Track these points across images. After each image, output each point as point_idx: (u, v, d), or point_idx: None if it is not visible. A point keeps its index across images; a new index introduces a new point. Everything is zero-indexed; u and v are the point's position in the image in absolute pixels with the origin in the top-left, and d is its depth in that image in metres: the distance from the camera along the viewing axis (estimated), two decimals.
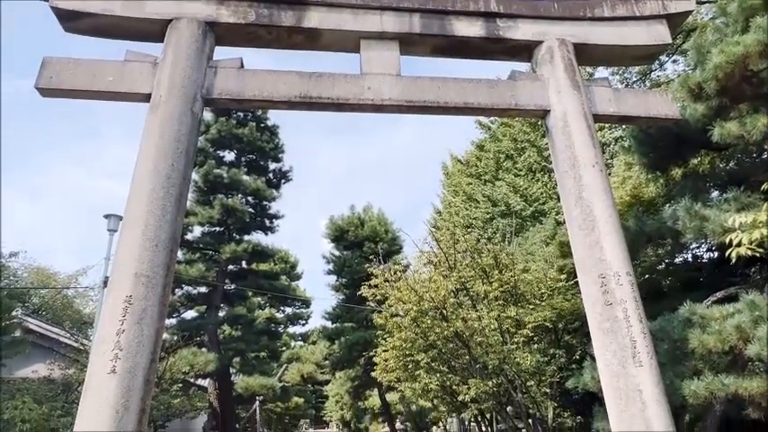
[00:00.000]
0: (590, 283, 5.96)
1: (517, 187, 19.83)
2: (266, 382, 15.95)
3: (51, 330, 14.57)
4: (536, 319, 9.54)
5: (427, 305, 9.88)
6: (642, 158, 8.60)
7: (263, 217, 19.59)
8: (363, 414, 34.46)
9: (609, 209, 6.15)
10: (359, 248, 22.85)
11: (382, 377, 14.48)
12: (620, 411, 5.43)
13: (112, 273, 5.44)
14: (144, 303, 5.20)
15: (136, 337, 5.05)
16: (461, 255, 10.86)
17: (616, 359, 5.54)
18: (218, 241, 18.09)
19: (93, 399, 4.84)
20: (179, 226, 5.98)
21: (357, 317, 22.43)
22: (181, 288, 18.09)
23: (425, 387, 11.87)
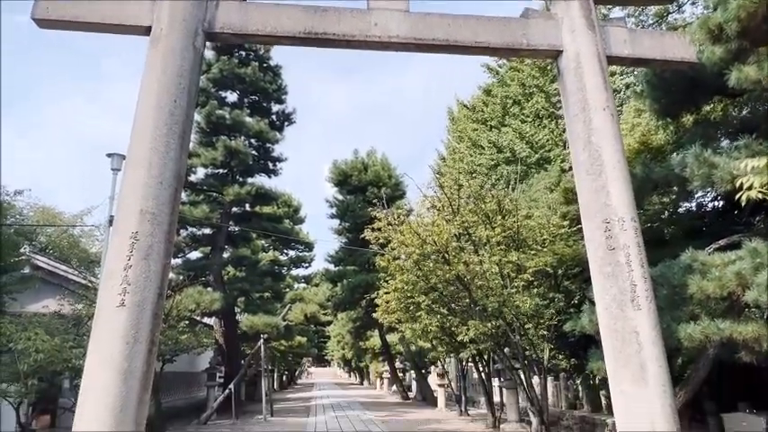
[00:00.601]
0: (594, 228, 5.98)
1: (523, 134, 19.56)
2: (270, 321, 16.41)
3: (59, 267, 14.82)
4: (537, 265, 9.65)
5: (430, 248, 9.97)
6: (654, 104, 8.41)
7: (267, 159, 19.48)
8: (364, 354, 35.62)
9: (617, 154, 6.08)
10: (362, 193, 22.88)
11: (383, 318, 14.84)
12: (617, 352, 5.58)
13: (118, 210, 5.46)
14: (150, 240, 5.24)
15: (143, 273, 5.13)
16: (465, 200, 10.85)
17: (615, 302, 5.64)
18: (221, 183, 18.06)
19: (104, 331, 4.97)
20: (183, 164, 5.94)
21: (359, 260, 22.74)
22: (186, 229, 18.25)
23: (425, 328, 12.18)
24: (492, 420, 12.97)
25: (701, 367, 6.84)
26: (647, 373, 5.34)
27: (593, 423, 12.31)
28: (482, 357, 13.57)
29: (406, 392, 25.00)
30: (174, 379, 18.37)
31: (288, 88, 20.08)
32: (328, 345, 49.87)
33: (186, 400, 19.13)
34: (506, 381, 12.62)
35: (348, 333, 29.35)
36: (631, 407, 5.35)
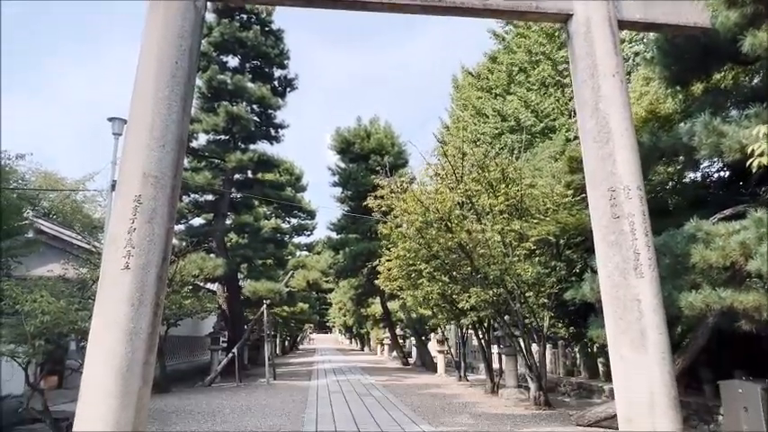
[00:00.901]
0: (599, 197, 5.94)
1: (529, 102, 19.29)
2: (273, 287, 16.57)
3: (63, 232, 14.88)
4: (539, 233, 9.65)
5: (432, 216, 9.97)
6: (664, 71, 8.24)
7: (269, 126, 19.28)
8: (365, 320, 36.10)
9: (625, 121, 5.99)
10: (364, 161, 22.74)
11: (385, 285, 14.97)
12: (618, 319, 5.62)
13: (120, 173, 5.43)
14: (153, 203, 5.23)
15: (147, 236, 5.14)
16: (469, 168, 10.78)
17: (618, 271, 5.65)
18: (223, 150, 17.94)
19: (109, 294, 5.01)
20: (185, 128, 5.87)
21: (361, 228, 22.79)
22: (188, 195, 18.23)
23: (427, 295, 12.30)
24: (491, 386, 13.21)
25: (699, 335, 6.91)
26: (647, 340, 5.39)
27: (590, 389, 12.55)
28: (482, 325, 13.73)
29: (407, 358, 25.42)
30: (178, 343, 18.70)
31: (290, 53, 19.74)
32: (330, 311, 50.50)
33: (190, 363, 19.50)
34: (505, 348, 12.78)
35: (350, 300, 29.65)
36: (630, 373, 5.43)
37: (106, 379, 4.77)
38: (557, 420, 8.95)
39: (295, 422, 8.75)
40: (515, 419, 9.07)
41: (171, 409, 10.33)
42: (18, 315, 6.82)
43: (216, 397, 12.31)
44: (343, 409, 10.19)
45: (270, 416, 9.39)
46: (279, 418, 9.19)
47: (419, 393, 12.98)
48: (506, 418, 9.26)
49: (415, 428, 8.06)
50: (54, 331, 6.95)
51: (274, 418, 9.19)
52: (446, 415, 9.57)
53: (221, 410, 10.07)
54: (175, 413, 9.76)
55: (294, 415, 9.50)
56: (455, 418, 9.28)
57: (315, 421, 8.75)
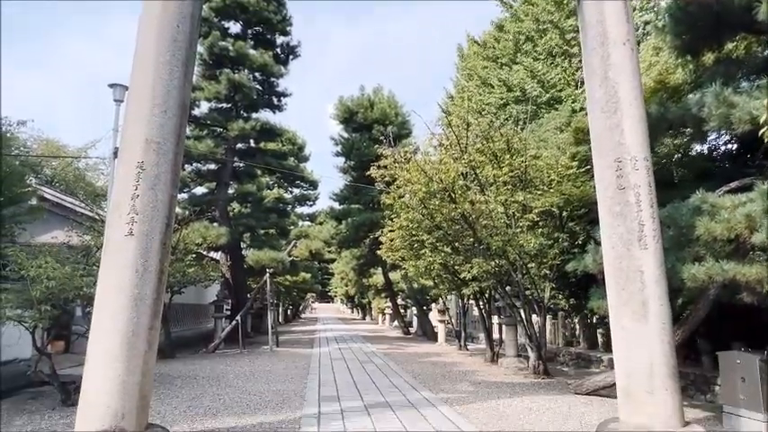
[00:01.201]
0: (605, 167, 5.89)
1: (535, 72, 18.97)
2: (275, 256, 16.65)
3: (65, 199, 14.90)
4: (543, 205, 9.62)
5: (436, 186, 9.92)
6: (675, 40, 8.06)
7: (271, 94, 19.04)
8: (367, 290, 36.41)
9: (635, 90, 5.89)
10: (368, 131, 22.55)
11: (387, 256, 15.03)
12: (620, 290, 5.64)
13: (122, 140, 5.39)
14: (156, 170, 5.20)
15: (150, 202, 5.12)
16: (473, 139, 10.67)
17: (622, 242, 5.65)
18: (225, 118, 17.77)
19: (114, 260, 5.03)
20: (187, 94, 5.80)
21: (364, 199, 22.77)
22: (190, 164, 18.16)
23: (429, 266, 12.35)
24: (490, 355, 13.39)
25: (700, 308, 6.95)
26: (649, 311, 5.43)
27: (589, 359, 12.72)
28: (483, 295, 13.83)
29: (407, 328, 25.75)
30: (183, 310, 18.93)
31: (293, 20, 19.35)
32: (332, 281, 50.97)
33: (194, 330, 19.78)
34: (506, 318, 12.90)
35: (352, 270, 29.84)
36: (631, 343, 5.48)
37: (112, 344, 4.83)
38: (555, 389, 9.09)
39: (298, 387, 8.91)
40: (514, 387, 9.22)
41: (176, 374, 10.52)
42: (24, 281, 6.87)
43: (220, 363, 12.52)
44: (344, 376, 10.36)
45: (273, 381, 9.55)
46: (282, 383, 9.36)
47: (420, 361, 13.18)
48: (505, 385, 9.41)
49: (415, 395, 8.20)
50: (60, 297, 7.01)
51: (278, 383, 9.35)
52: (446, 382, 9.73)
53: (225, 376, 10.25)
54: (180, 378, 9.94)
55: (297, 380, 9.67)
56: (455, 385, 9.43)
57: (317, 387, 8.90)
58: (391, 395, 8.15)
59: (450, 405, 7.39)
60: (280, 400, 7.70)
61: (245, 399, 7.75)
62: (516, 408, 7.29)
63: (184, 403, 7.37)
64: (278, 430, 5.82)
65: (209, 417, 6.50)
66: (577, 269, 9.15)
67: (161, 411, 6.77)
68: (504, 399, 8.03)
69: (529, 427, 6.10)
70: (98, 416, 4.70)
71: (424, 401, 7.62)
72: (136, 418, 4.84)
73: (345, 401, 7.55)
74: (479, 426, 6.15)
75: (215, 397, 7.89)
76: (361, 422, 6.19)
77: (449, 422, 6.28)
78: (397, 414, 6.66)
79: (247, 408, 7.09)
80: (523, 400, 7.88)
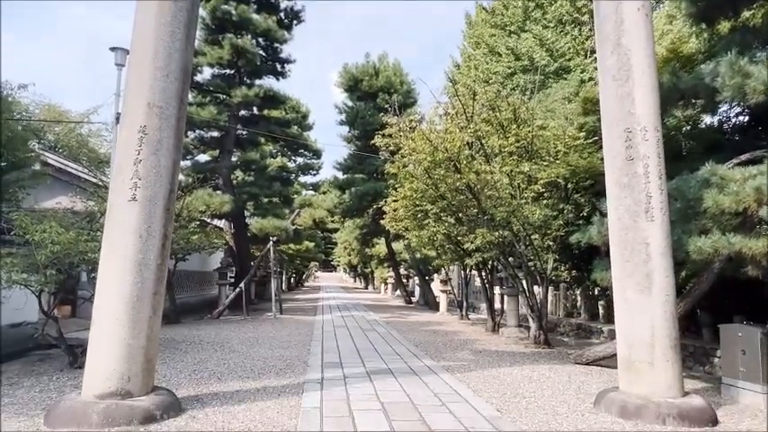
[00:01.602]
0: (614, 137, 5.80)
1: (544, 40, 18.57)
2: (279, 224, 16.67)
3: (69, 165, 14.85)
4: (549, 176, 9.53)
5: (441, 156, 9.81)
6: (690, 7, 7.83)
7: (275, 61, 18.72)
8: (369, 260, 36.63)
9: (648, 58, 5.75)
10: (372, 99, 22.26)
11: (390, 226, 15.03)
12: (624, 262, 5.63)
13: (125, 104, 5.31)
14: (159, 134, 5.14)
15: (153, 167, 5.08)
16: (479, 108, 10.50)
17: (629, 213, 5.61)
18: (228, 85, 17.54)
19: (117, 225, 5.02)
20: (189, 57, 5.69)
21: (368, 168, 22.66)
22: (193, 131, 18.01)
23: (432, 236, 12.34)
24: (492, 325, 13.51)
25: (704, 280, 6.93)
26: (653, 282, 5.42)
27: (589, 330, 12.83)
28: (485, 266, 13.87)
29: (410, 297, 25.99)
30: (187, 277, 19.10)
31: None
32: (335, 251, 51.24)
33: (199, 297, 20.00)
34: (508, 288, 12.98)
35: (355, 240, 29.96)
36: (633, 315, 5.50)
37: (117, 308, 4.87)
38: (555, 359, 9.19)
39: (302, 353, 9.03)
40: (515, 356, 9.32)
41: (181, 338, 10.67)
42: (29, 245, 6.89)
43: (224, 329, 12.68)
44: (347, 343, 10.49)
45: (277, 347, 9.68)
46: (286, 349, 9.48)
47: (421, 330, 13.33)
48: (506, 354, 9.51)
49: (417, 362, 8.30)
50: (65, 261, 7.04)
51: (281, 349, 9.48)
52: (447, 350, 9.84)
53: (229, 341, 10.39)
54: (185, 342, 10.08)
55: (300, 347, 9.80)
56: (456, 353, 9.54)
57: (321, 353, 9.02)
58: (393, 362, 8.26)
59: (452, 373, 7.48)
60: (283, 365, 7.81)
61: (249, 364, 7.87)
62: (516, 376, 7.38)
63: (189, 367, 7.48)
64: (282, 395, 5.90)
65: (213, 380, 6.60)
66: (581, 241, 9.12)
67: (167, 375, 6.88)
68: (504, 367, 8.12)
69: (529, 395, 6.17)
70: (105, 378, 4.77)
71: (425, 369, 7.72)
72: (141, 381, 4.92)
73: (348, 368, 7.65)
74: (479, 391, 6.24)
75: (219, 361, 8.01)
76: (363, 388, 6.27)
77: (449, 389, 6.36)
78: (399, 381, 6.75)
79: (251, 372, 7.20)
80: (524, 369, 7.97)
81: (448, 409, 5.38)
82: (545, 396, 6.17)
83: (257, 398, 5.73)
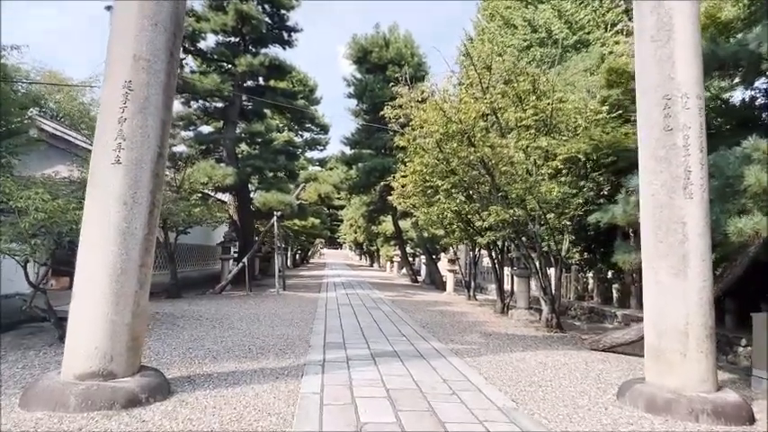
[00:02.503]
0: (651, 105, 5.23)
1: (563, 12, 17.74)
2: (283, 199, 16.18)
3: (68, 133, 14.38)
4: (568, 151, 8.95)
5: (455, 128, 9.23)
6: None
7: (281, 29, 17.99)
8: (376, 237, 36.26)
9: (692, 17, 5.15)
10: (382, 72, 21.50)
11: (398, 203, 14.55)
12: (657, 242, 5.11)
13: (108, 56, 4.78)
14: (146, 91, 4.63)
15: (140, 127, 4.59)
16: (496, 79, 9.89)
17: (665, 189, 5.07)
18: (233, 53, 16.88)
19: (100, 190, 4.55)
20: (181, 7, 5.13)
21: (376, 143, 22.06)
22: (196, 101, 17.46)
23: (441, 213, 11.83)
24: (501, 306, 13.09)
25: (737, 265, 6.40)
26: (689, 265, 4.91)
27: (602, 314, 12.38)
28: (495, 245, 13.38)
29: (416, 276, 25.61)
30: (189, 251, 18.76)
31: None
32: (341, 228, 50.95)
33: (201, 271, 19.69)
34: (519, 269, 12.51)
35: (362, 217, 29.52)
36: (666, 300, 5.00)
37: (99, 281, 4.42)
38: (569, 344, 8.75)
39: (304, 331, 8.65)
40: (526, 340, 8.90)
41: (179, 313, 10.32)
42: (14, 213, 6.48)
43: (225, 305, 12.34)
44: (351, 321, 10.10)
45: (278, 325, 9.31)
46: (287, 327, 9.11)
47: (428, 310, 12.93)
48: (517, 338, 9.09)
49: (424, 344, 7.89)
50: (54, 230, 6.63)
51: (283, 327, 9.10)
52: (456, 332, 9.43)
53: (230, 317, 10.03)
54: (183, 318, 9.73)
55: (303, 325, 9.41)
56: (465, 336, 9.13)
57: (323, 332, 8.63)
58: (399, 344, 7.85)
59: (461, 357, 7.07)
60: (284, 344, 7.42)
61: (248, 342, 7.49)
62: (530, 362, 6.95)
63: (185, 344, 7.10)
64: (280, 377, 5.50)
65: (208, 360, 6.21)
66: (601, 221, 8.59)
67: (159, 351, 6.51)
68: (516, 352, 7.70)
69: (545, 384, 5.74)
70: (85, 357, 4.36)
71: (433, 352, 7.30)
72: (126, 360, 4.51)
73: (351, 349, 7.25)
74: (491, 378, 5.82)
75: (217, 339, 7.63)
76: (367, 372, 5.86)
77: (459, 375, 5.94)
78: (406, 365, 6.34)
79: (249, 352, 6.81)
80: (537, 354, 7.55)
81: (459, 399, 4.95)
82: (563, 385, 5.74)
83: (254, 380, 5.33)
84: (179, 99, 16.78)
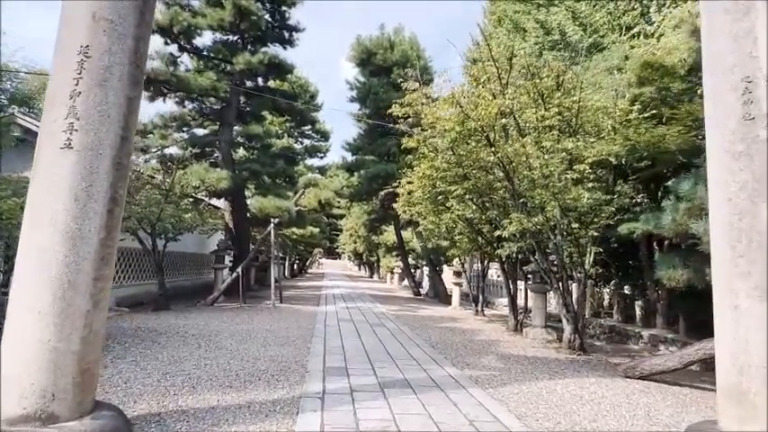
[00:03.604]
0: (725, 90, 4.29)
1: (577, 13, 16.94)
2: (280, 204, 15.18)
3: None
4: (598, 154, 8.03)
5: (473, 125, 8.33)
6: None
7: (282, 28, 17.14)
8: (376, 248, 35.28)
9: None
10: (386, 75, 20.65)
11: (403, 211, 13.63)
12: (736, 257, 4.14)
13: (62, 16, 3.84)
14: (107, 59, 3.69)
15: (98, 104, 3.64)
16: (515, 74, 9.02)
17: (745, 192, 4.11)
18: (231, 52, 16.04)
19: (45, 182, 3.58)
20: None
21: (379, 149, 21.17)
22: (191, 101, 16.58)
23: (452, 222, 10.89)
24: (514, 324, 12.12)
25: None
26: None
27: (625, 333, 11.42)
28: (509, 258, 12.41)
29: (418, 289, 24.61)
30: (183, 259, 17.80)
31: None
32: (340, 238, 50.02)
33: (195, 281, 18.73)
34: (534, 284, 11.56)
35: (363, 226, 28.58)
36: (749, 328, 4.02)
37: (39, 297, 3.41)
38: (598, 369, 7.79)
39: (300, 353, 7.68)
40: (550, 365, 7.93)
41: (164, 328, 9.35)
42: None
43: (216, 318, 11.35)
44: (354, 342, 9.11)
45: (272, 344, 8.34)
46: (282, 347, 8.13)
47: (436, 327, 11.94)
48: (539, 362, 8.12)
49: (438, 371, 6.92)
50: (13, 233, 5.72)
51: (277, 346, 8.13)
52: (470, 355, 8.46)
53: (218, 334, 9.06)
54: (167, 334, 8.75)
55: (300, 345, 8.44)
56: (481, 358, 8.16)
57: (322, 354, 7.65)
58: (410, 370, 6.87)
59: (482, 387, 6.10)
60: (277, 369, 6.44)
61: (236, 366, 6.51)
62: (562, 394, 5.98)
63: (162, 368, 6.13)
64: (270, 415, 4.53)
65: (186, 389, 5.24)
66: (635, 232, 7.69)
67: (130, 378, 5.53)
68: (543, 380, 6.73)
69: (590, 426, 4.78)
70: (18, 395, 3.39)
71: (449, 381, 6.33)
72: (73, 398, 3.53)
73: (356, 376, 6.27)
74: (524, 417, 4.85)
75: (200, 361, 6.66)
76: (376, 410, 4.88)
77: (486, 412, 4.97)
78: (421, 398, 5.37)
79: (236, 379, 5.84)
80: (567, 384, 6.58)
81: None
82: (610, 426, 4.77)
83: (238, 419, 4.36)
84: (172, 99, 15.92)
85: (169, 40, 15.39)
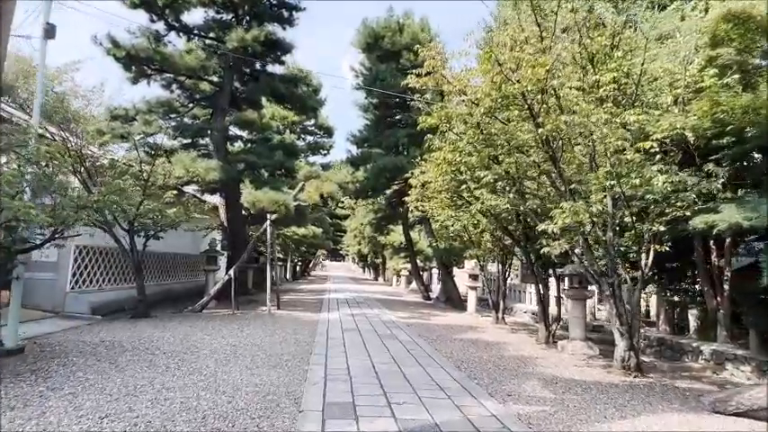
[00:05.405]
0: None
1: None
2: (277, 198, 13.46)
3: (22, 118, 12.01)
4: (670, 128, 6.36)
5: (515, 89, 6.65)
6: None
7: (280, 6, 15.57)
8: (382, 249, 33.56)
9: None
10: (395, 60, 18.96)
11: (415, 206, 12.01)
12: None
13: None
14: None
15: None
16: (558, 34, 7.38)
17: None
18: (224, 32, 14.42)
19: None
20: None
21: (387, 141, 19.50)
22: (179, 85, 14.96)
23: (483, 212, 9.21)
24: (546, 335, 10.45)
25: None
26: None
27: (678, 348, 9.69)
28: (539, 259, 10.72)
29: (428, 292, 22.93)
30: (173, 260, 16.19)
31: None
32: (344, 239, 48.41)
33: (186, 283, 17.11)
34: (573, 289, 9.90)
35: (369, 225, 26.91)
36: None
37: None
38: (669, 398, 6.14)
39: (294, 379, 6.05)
40: (608, 392, 6.28)
41: (132, 343, 7.73)
42: None
43: (200, 329, 9.73)
44: (362, 361, 7.43)
45: (260, 365, 6.71)
46: (272, 369, 6.51)
47: (456, 339, 10.27)
48: (593, 388, 6.47)
49: (474, 407, 5.27)
50: None
51: (265, 368, 6.50)
52: (507, 378, 6.80)
53: (197, 351, 7.44)
54: (133, 351, 7.14)
55: (294, 366, 6.80)
56: (521, 384, 6.51)
57: (323, 381, 6.01)
58: (437, 406, 5.21)
59: None
60: (261, 407, 4.80)
61: (206, 403, 4.87)
62: None
63: (102, 407, 4.50)
64: None
65: None
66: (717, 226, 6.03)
67: (50, 424, 3.91)
68: (614, 420, 5.07)
69: None
70: None
71: (495, 425, 4.67)
72: None
73: (367, 420, 4.61)
74: None
75: (159, 395, 5.02)
76: None
77: None
78: None
79: (202, 423, 4.20)
80: (645, 423, 4.93)
81: None
82: None
83: None
84: (158, 81, 14.32)
85: (155, 17, 13.80)
